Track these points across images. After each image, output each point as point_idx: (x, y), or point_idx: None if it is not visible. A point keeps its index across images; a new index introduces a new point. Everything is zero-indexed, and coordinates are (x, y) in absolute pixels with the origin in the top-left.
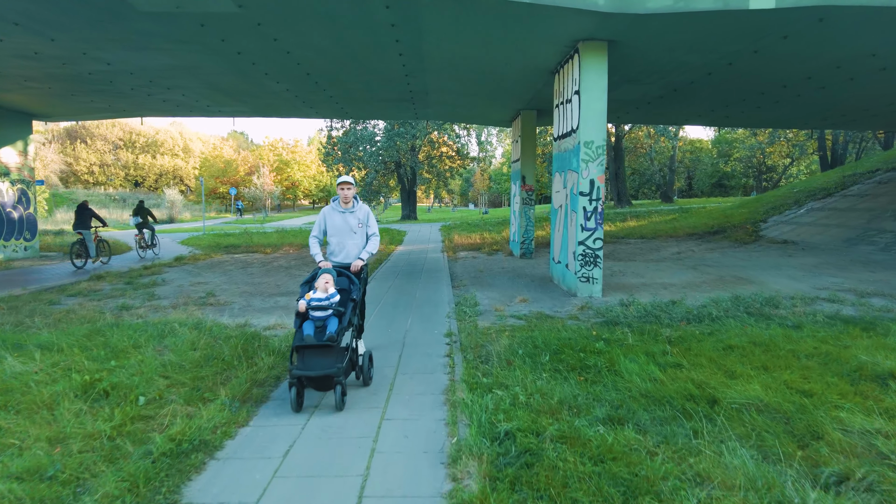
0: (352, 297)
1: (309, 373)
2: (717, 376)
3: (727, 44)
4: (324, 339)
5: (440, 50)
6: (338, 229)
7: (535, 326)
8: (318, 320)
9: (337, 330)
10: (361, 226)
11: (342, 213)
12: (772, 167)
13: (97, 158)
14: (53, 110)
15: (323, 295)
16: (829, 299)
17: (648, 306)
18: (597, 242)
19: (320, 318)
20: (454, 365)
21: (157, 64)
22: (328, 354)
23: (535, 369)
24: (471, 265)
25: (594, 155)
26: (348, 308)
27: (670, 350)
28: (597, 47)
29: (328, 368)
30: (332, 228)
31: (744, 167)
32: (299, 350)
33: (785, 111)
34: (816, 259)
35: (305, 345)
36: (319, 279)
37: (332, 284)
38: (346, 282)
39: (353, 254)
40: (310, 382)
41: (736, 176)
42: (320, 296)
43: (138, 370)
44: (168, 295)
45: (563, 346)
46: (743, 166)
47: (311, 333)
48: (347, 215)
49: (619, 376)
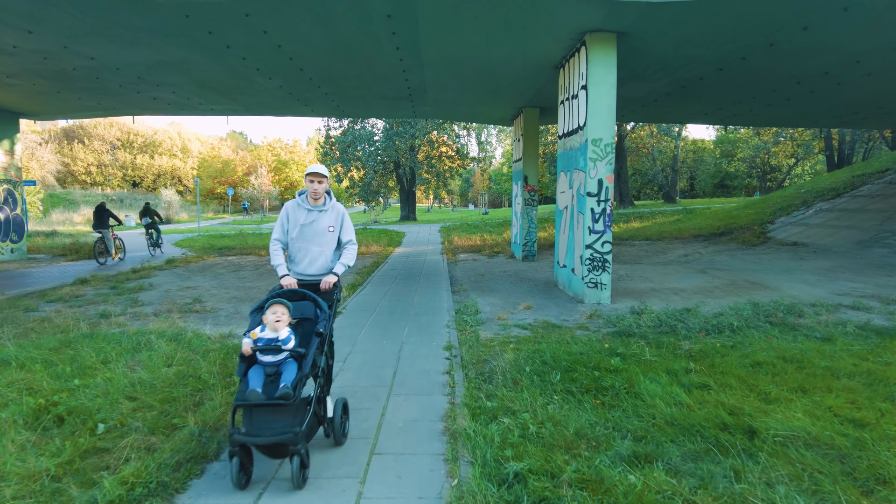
0: (317, 329)
1: (256, 440)
2: (751, 400)
3: (742, 36)
4: (275, 395)
5: (438, 43)
6: (303, 232)
7: (542, 338)
8: (269, 366)
9: (295, 381)
10: (334, 230)
11: (310, 212)
12: (776, 167)
13: (95, 159)
14: (41, 108)
15: (272, 334)
16: (854, 307)
17: (662, 315)
18: (605, 246)
19: (272, 363)
20: (454, 384)
21: (144, 59)
22: (283, 413)
23: (544, 390)
24: (471, 268)
25: (602, 153)
26: (312, 347)
27: (693, 367)
28: (605, 39)
29: (281, 434)
30: (296, 230)
31: (747, 167)
32: (244, 408)
33: (796, 109)
34: (830, 262)
35: (250, 403)
36: (268, 312)
37: (284, 322)
38: (310, 308)
39: (321, 265)
40: (259, 449)
41: (739, 176)
42: (269, 335)
43: (104, 390)
44: (153, 301)
45: (575, 363)
46: (746, 166)
47: (259, 387)
48: (317, 214)
49: (639, 399)
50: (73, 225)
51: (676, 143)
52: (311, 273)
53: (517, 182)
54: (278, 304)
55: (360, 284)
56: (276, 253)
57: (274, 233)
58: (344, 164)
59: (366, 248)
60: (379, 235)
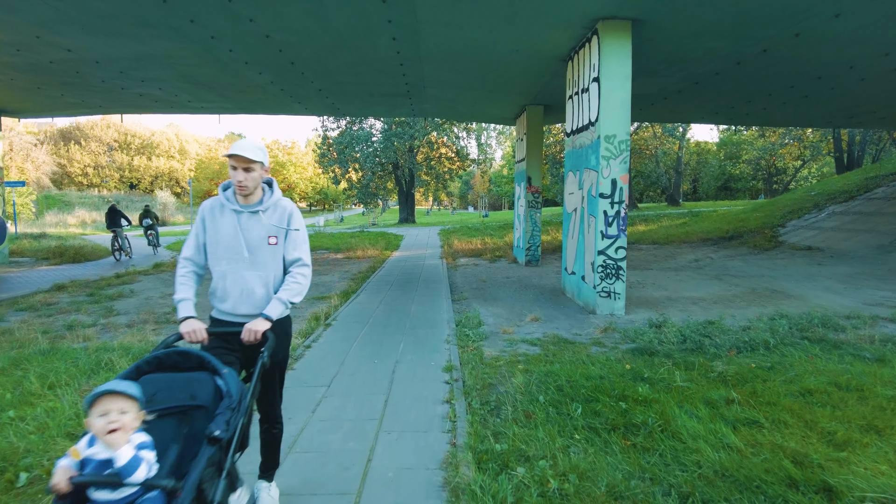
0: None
1: None
2: (814, 443)
3: (765, 26)
4: None
5: (437, 33)
6: (229, 247)
7: (554, 356)
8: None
9: None
10: (276, 241)
11: (238, 215)
12: (782, 169)
13: (91, 160)
14: (22, 105)
15: (107, 453)
16: (893, 319)
17: (684, 329)
18: (619, 252)
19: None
20: (456, 418)
21: (124, 51)
22: None
23: (563, 427)
24: (472, 274)
25: (616, 151)
26: (195, 469)
27: (735, 397)
28: (619, 27)
29: None
30: (217, 243)
31: (752, 169)
32: None
33: (812, 107)
34: (850, 268)
35: None
36: (93, 412)
37: (127, 428)
38: (206, 386)
39: (260, 298)
40: None
41: (743, 178)
42: (102, 453)
43: (42, 424)
44: (129, 310)
45: (596, 390)
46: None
47: None
48: (249, 219)
49: (678, 441)
50: (66, 227)
51: (682, 145)
52: (243, 312)
53: (520, 183)
54: (112, 395)
55: (354, 291)
56: (181, 281)
57: (184, 249)
58: (342, 166)
59: (362, 252)
60: (376, 238)
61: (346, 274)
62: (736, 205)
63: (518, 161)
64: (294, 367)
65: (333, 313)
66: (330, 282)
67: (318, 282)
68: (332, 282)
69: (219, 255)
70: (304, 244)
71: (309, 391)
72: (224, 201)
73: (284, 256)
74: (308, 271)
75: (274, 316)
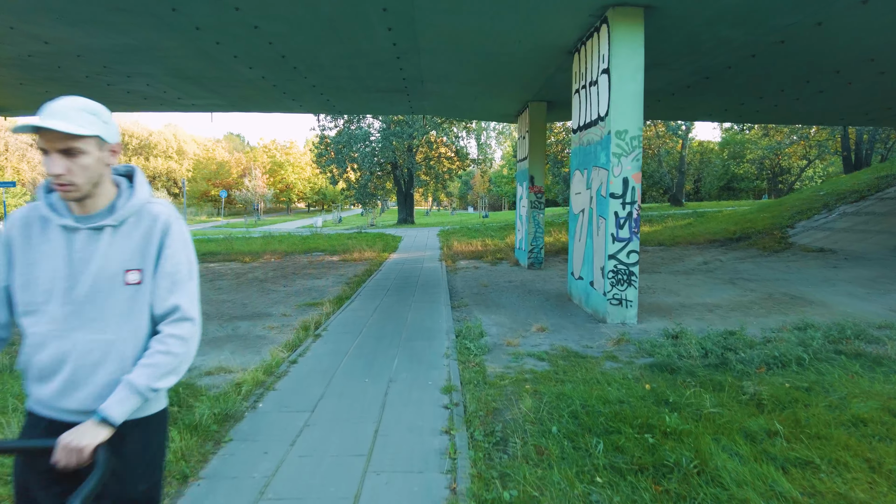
0: None
1: None
2: (885, 491)
3: (785, 13)
4: None
5: (436, 22)
6: (48, 289)
7: (565, 373)
8: None
9: None
10: (139, 277)
11: (70, 233)
12: (786, 169)
13: None
14: (4, 102)
15: None
16: None
17: (704, 341)
18: (631, 256)
19: None
20: (456, 453)
21: (106, 44)
22: None
23: (582, 468)
24: (472, 278)
25: (628, 147)
26: None
27: (779, 429)
28: (631, 14)
29: None
30: (30, 285)
31: (756, 169)
32: None
33: (826, 103)
34: (870, 271)
35: None
36: None
37: None
38: None
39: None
40: None
41: (747, 178)
42: None
43: None
44: None
45: (617, 418)
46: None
47: None
48: (88, 239)
49: (720, 487)
50: None
51: (685, 144)
52: (74, 408)
53: (522, 183)
54: None
55: (349, 297)
56: None
57: None
58: (339, 166)
59: (359, 254)
60: (374, 240)
61: (341, 278)
62: (741, 205)
63: (520, 160)
64: (276, 388)
65: (324, 322)
66: (323, 286)
67: (311, 286)
68: (326, 286)
69: (34, 305)
70: (190, 281)
71: (290, 417)
72: (47, 212)
73: (152, 305)
74: (191, 330)
75: (117, 416)
